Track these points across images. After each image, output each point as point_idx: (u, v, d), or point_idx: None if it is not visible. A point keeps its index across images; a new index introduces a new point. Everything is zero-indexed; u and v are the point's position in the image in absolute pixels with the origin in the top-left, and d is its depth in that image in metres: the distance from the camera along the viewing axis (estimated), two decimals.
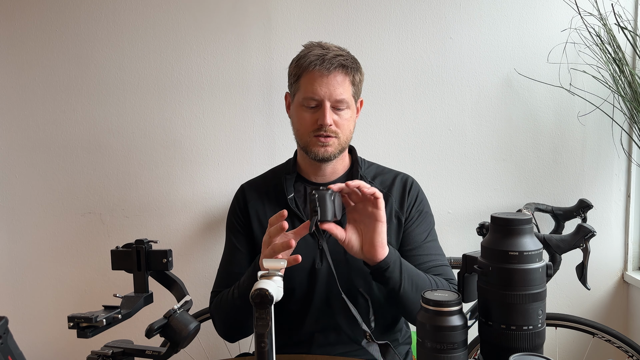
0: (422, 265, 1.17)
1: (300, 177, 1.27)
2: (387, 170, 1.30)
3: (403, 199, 1.23)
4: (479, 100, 1.76)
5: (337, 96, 1.14)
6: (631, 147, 1.74)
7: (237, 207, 1.29)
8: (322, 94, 1.14)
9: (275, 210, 1.20)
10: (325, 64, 1.13)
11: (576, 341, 1.80)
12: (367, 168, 1.28)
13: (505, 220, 0.75)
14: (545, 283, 0.75)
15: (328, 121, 1.14)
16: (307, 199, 0.95)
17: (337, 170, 1.25)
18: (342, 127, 1.17)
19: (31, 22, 1.83)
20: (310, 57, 1.15)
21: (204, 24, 1.78)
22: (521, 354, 0.68)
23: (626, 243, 1.80)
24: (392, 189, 1.23)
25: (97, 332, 0.77)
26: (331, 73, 1.13)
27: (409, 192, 1.24)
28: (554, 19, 1.70)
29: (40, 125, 1.87)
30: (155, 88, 1.82)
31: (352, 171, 1.26)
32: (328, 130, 1.15)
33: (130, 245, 0.88)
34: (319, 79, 1.14)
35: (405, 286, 1.03)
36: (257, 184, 1.32)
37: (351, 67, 1.16)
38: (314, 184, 1.25)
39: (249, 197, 1.28)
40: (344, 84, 1.15)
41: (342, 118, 1.17)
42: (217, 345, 1.89)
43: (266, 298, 0.78)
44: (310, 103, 1.16)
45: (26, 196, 1.89)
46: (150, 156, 1.84)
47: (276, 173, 1.31)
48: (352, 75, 1.16)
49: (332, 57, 1.14)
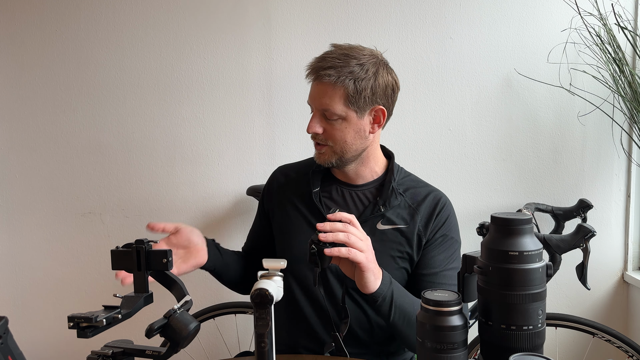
0: None
1: (330, 174, 1.25)
2: (423, 184, 1.23)
3: (430, 219, 1.16)
4: (479, 100, 1.76)
5: (322, 106, 1.11)
6: (631, 147, 1.74)
7: (266, 188, 1.32)
8: (310, 101, 1.15)
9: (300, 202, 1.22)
10: (312, 73, 1.12)
11: (576, 341, 1.80)
12: (401, 179, 1.22)
13: (505, 220, 0.75)
14: (545, 283, 0.75)
15: (310, 129, 1.14)
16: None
17: (363, 175, 1.21)
18: (333, 137, 1.13)
19: (31, 22, 1.83)
20: (311, 62, 1.14)
21: (204, 24, 1.78)
22: (521, 354, 0.68)
23: (626, 243, 1.80)
24: (421, 206, 1.17)
25: (97, 332, 0.76)
26: (318, 82, 1.11)
27: (438, 213, 1.17)
28: (554, 19, 1.70)
29: (40, 125, 1.87)
30: (155, 88, 1.82)
31: (384, 180, 1.21)
32: (317, 138, 1.15)
33: (130, 245, 0.87)
34: (311, 86, 1.15)
35: (395, 319, 1.03)
36: (290, 170, 1.31)
37: (344, 76, 1.08)
38: (342, 184, 1.23)
39: (277, 183, 1.30)
40: (331, 95, 1.09)
41: (333, 128, 1.12)
42: (217, 345, 1.89)
43: (266, 298, 0.78)
44: (310, 108, 1.17)
45: (26, 196, 1.89)
46: (150, 156, 1.84)
47: (309, 164, 1.28)
48: (344, 86, 1.08)
49: (324, 65, 1.09)
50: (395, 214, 1.16)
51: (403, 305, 1.03)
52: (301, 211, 1.21)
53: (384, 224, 1.16)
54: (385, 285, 1.01)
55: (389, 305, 1.01)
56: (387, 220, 1.16)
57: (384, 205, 1.16)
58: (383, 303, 1.01)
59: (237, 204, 1.84)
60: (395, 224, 1.16)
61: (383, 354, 1.20)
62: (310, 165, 1.26)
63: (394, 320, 1.03)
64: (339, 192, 1.22)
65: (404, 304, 1.03)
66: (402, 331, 1.05)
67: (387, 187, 1.18)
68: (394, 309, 1.02)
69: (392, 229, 1.16)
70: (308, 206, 1.21)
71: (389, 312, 1.02)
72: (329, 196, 1.22)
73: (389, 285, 1.02)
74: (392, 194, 1.17)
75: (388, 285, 1.02)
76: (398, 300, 1.02)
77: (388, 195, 1.17)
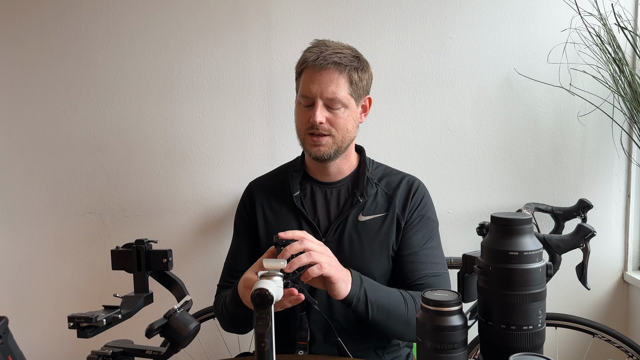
0: (416, 273, 1.16)
1: (307, 176, 1.27)
2: (395, 172, 1.29)
3: (406, 202, 1.21)
4: (479, 100, 1.76)
5: (329, 94, 1.12)
6: (631, 147, 1.74)
7: (243, 206, 1.31)
8: (314, 91, 1.13)
9: (281, 208, 1.22)
10: (319, 61, 1.12)
11: (576, 341, 1.80)
12: (374, 169, 1.27)
13: (505, 220, 0.75)
14: (545, 283, 0.75)
15: (317, 119, 1.12)
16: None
17: (343, 170, 1.25)
18: (337, 126, 1.15)
19: (31, 22, 1.83)
20: (307, 54, 1.15)
21: (204, 24, 1.78)
22: (521, 354, 0.68)
23: (626, 243, 1.80)
24: (397, 192, 1.22)
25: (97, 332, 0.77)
26: (324, 70, 1.12)
27: (413, 195, 1.22)
28: (554, 19, 1.70)
29: (40, 125, 1.87)
30: (155, 88, 1.82)
31: (358, 172, 1.25)
32: (320, 128, 1.14)
33: (130, 245, 0.88)
34: (312, 77, 1.14)
35: (374, 315, 1.04)
36: (264, 181, 1.33)
37: (349, 65, 1.13)
38: (320, 183, 1.25)
39: (255, 195, 1.29)
40: (338, 82, 1.12)
41: (336, 116, 1.15)
42: (217, 345, 1.89)
43: (266, 298, 0.78)
44: (305, 101, 1.16)
45: (26, 196, 1.89)
46: (150, 156, 1.84)
47: (283, 171, 1.32)
48: (349, 74, 1.14)
49: (328, 54, 1.12)
50: (373, 203, 1.20)
51: (379, 300, 1.05)
52: (284, 216, 1.23)
53: (365, 215, 1.19)
54: (356, 286, 1.03)
55: (365, 304, 1.03)
56: (367, 210, 1.19)
57: (362, 196, 1.20)
58: (358, 303, 1.03)
59: (237, 204, 1.82)
60: (375, 214, 1.19)
61: (379, 350, 1.20)
62: (284, 172, 1.30)
63: (373, 317, 1.05)
64: (318, 192, 1.25)
65: (380, 299, 1.05)
66: (385, 324, 1.07)
67: (362, 177, 1.22)
68: (371, 306, 1.04)
69: (373, 219, 1.19)
70: (291, 210, 1.22)
71: (366, 311, 1.04)
72: (309, 197, 1.24)
73: (360, 285, 1.03)
74: (367, 184, 1.21)
75: (359, 285, 1.03)
76: (372, 296, 1.04)
77: (364, 186, 1.21)
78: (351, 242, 1.17)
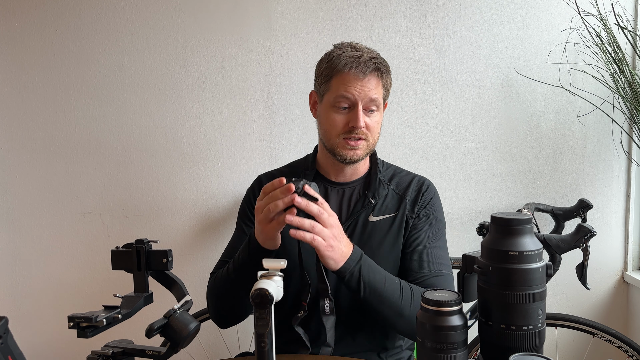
0: (420, 272, 1.16)
1: (318, 174, 1.27)
2: (406, 172, 1.30)
3: (415, 202, 1.22)
4: (479, 100, 1.76)
5: (371, 98, 1.15)
6: (631, 147, 1.74)
7: (251, 196, 1.30)
8: (357, 95, 1.14)
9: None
10: (361, 67, 1.13)
11: (576, 341, 1.80)
12: (385, 170, 1.28)
13: (505, 220, 0.75)
14: (545, 283, 0.75)
15: (361, 123, 1.14)
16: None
17: (358, 171, 1.26)
18: (372, 130, 1.18)
19: (31, 22, 1.83)
20: (344, 58, 1.14)
21: (204, 24, 1.78)
22: (521, 354, 0.68)
23: (626, 243, 1.80)
24: (407, 192, 1.23)
25: (97, 332, 0.77)
26: (366, 76, 1.14)
27: (422, 194, 1.23)
28: (554, 19, 1.70)
29: (40, 125, 1.87)
30: (155, 88, 1.82)
31: (370, 173, 1.26)
32: (360, 132, 1.15)
33: (130, 245, 0.88)
34: (353, 82, 1.14)
35: (366, 296, 1.04)
36: (274, 176, 1.30)
37: (384, 70, 1.17)
38: (333, 183, 1.25)
39: None
40: (377, 87, 1.16)
41: (372, 120, 1.17)
42: (217, 345, 1.89)
43: (266, 298, 0.78)
44: (343, 104, 1.15)
45: (26, 196, 1.89)
46: (150, 156, 1.84)
47: (294, 168, 1.31)
48: (384, 79, 1.18)
49: (367, 59, 1.14)
50: (384, 204, 1.21)
51: (372, 283, 1.05)
52: None
53: (376, 216, 1.20)
54: (352, 261, 1.03)
55: (357, 281, 1.04)
56: (377, 211, 1.20)
57: (373, 197, 1.21)
58: (351, 279, 1.03)
59: (237, 204, 1.82)
60: (385, 214, 1.20)
61: (382, 352, 1.20)
62: (295, 169, 1.30)
63: (365, 297, 1.05)
64: (330, 192, 1.25)
65: (374, 282, 1.05)
66: (377, 309, 1.07)
67: (374, 178, 1.24)
68: (363, 286, 1.04)
69: (383, 219, 1.20)
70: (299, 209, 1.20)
71: (358, 288, 1.04)
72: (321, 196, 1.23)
73: (357, 262, 1.04)
74: (379, 185, 1.23)
75: (356, 262, 1.04)
76: (367, 277, 1.04)
77: (376, 187, 1.22)
78: (361, 243, 1.17)
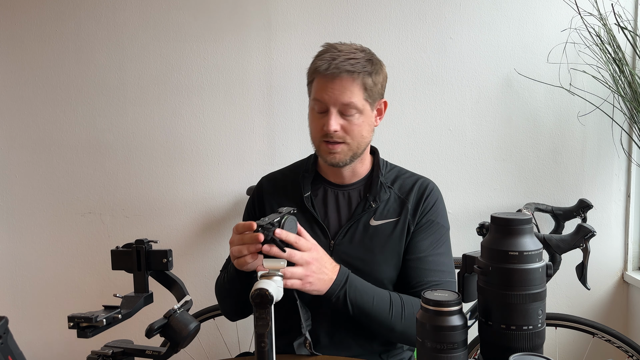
0: (419, 280, 1.14)
1: (319, 176, 1.25)
2: (409, 174, 1.25)
3: (418, 206, 1.18)
4: (479, 100, 1.76)
5: (343, 102, 1.10)
6: (631, 147, 1.74)
7: (253, 200, 1.30)
8: (327, 99, 1.11)
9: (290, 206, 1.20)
10: (331, 69, 1.09)
11: (576, 341, 1.80)
12: (387, 172, 1.24)
13: (505, 220, 0.75)
14: (545, 283, 0.75)
15: (332, 127, 1.10)
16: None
17: (358, 173, 1.23)
18: (352, 133, 1.13)
19: (31, 22, 1.83)
20: (319, 61, 1.12)
21: (204, 25, 1.78)
22: (521, 354, 0.68)
23: (626, 243, 1.80)
24: (409, 196, 1.19)
25: (97, 332, 0.77)
26: (336, 78, 1.09)
27: (425, 199, 1.19)
28: (554, 19, 1.70)
29: (40, 125, 1.87)
30: (155, 88, 1.82)
31: (372, 175, 1.23)
32: (334, 136, 1.12)
33: (130, 245, 0.88)
34: (324, 84, 1.11)
35: (355, 314, 1.06)
36: (275, 178, 1.31)
37: (362, 71, 1.10)
38: (333, 185, 1.24)
39: (265, 191, 1.27)
40: (351, 90, 1.10)
41: (351, 123, 1.12)
42: (217, 345, 1.89)
43: (266, 298, 0.78)
44: (319, 107, 1.14)
45: (26, 196, 1.89)
46: (150, 156, 1.84)
47: (295, 169, 1.29)
48: (362, 80, 1.11)
49: (340, 61, 1.09)
50: (386, 208, 1.18)
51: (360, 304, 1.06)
52: None
53: (377, 219, 1.17)
54: (337, 286, 1.04)
55: (344, 303, 1.05)
56: (379, 215, 1.18)
57: (374, 201, 1.18)
58: (338, 302, 1.05)
59: (237, 204, 1.84)
60: (387, 218, 1.18)
61: (383, 354, 1.20)
62: (296, 170, 1.28)
63: (354, 315, 1.06)
64: (330, 193, 1.23)
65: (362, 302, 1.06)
66: (367, 325, 1.09)
67: (375, 182, 1.20)
68: (351, 306, 1.05)
69: (385, 224, 1.17)
70: (300, 211, 1.20)
71: (345, 309, 1.06)
72: (321, 198, 1.22)
73: (342, 286, 1.05)
74: (381, 188, 1.20)
75: (341, 286, 1.05)
76: (354, 298, 1.05)
77: (377, 191, 1.19)
78: (361, 247, 1.16)
